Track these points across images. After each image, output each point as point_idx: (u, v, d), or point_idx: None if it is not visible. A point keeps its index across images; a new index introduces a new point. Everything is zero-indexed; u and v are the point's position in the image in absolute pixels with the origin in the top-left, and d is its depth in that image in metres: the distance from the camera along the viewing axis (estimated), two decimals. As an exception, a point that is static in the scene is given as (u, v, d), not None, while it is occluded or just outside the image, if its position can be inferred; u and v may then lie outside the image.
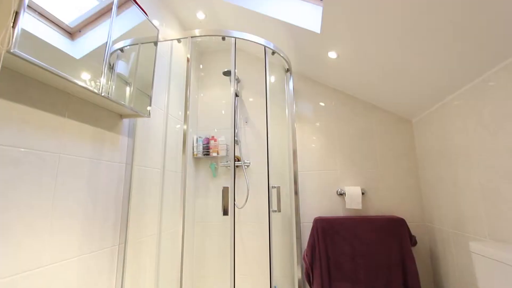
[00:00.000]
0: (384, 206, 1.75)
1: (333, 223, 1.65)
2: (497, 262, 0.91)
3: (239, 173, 1.96)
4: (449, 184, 1.42)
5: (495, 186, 1.10)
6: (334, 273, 1.58)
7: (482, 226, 1.18)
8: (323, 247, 1.60)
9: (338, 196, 1.81)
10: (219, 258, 1.88)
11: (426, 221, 1.68)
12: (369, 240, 1.57)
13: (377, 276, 1.52)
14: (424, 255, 1.66)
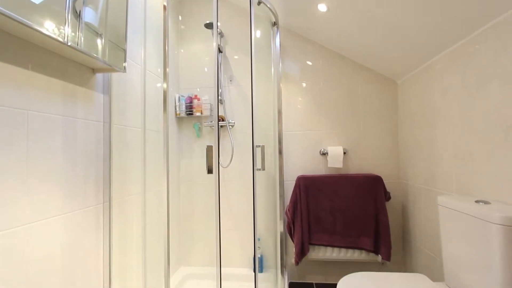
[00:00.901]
0: (364, 165, 1.83)
1: (315, 181, 1.72)
2: (457, 212, 1.00)
3: (224, 133, 1.95)
4: (425, 145, 1.49)
5: (467, 147, 1.15)
6: (314, 226, 1.70)
7: (451, 182, 1.27)
8: (304, 203, 1.69)
9: (321, 155, 1.86)
10: (205, 215, 1.96)
11: (401, 178, 1.79)
12: (348, 196, 1.67)
13: (352, 228, 1.66)
14: (396, 209, 1.81)
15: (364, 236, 1.64)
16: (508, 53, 0.94)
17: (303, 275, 1.87)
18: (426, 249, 1.50)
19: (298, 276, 1.88)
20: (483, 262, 0.89)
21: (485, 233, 0.87)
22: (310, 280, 1.87)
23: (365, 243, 1.64)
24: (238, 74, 1.97)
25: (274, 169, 1.72)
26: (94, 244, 1.14)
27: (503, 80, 0.96)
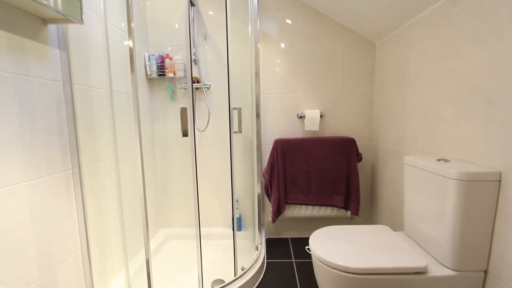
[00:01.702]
0: (339, 128, 1.88)
1: (292, 144, 1.75)
2: (420, 170, 1.08)
3: (199, 95, 1.87)
4: (398, 108, 1.53)
5: (436, 109, 1.20)
6: (290, 187, 1.77)
7: (418, 143, 1.35)
8: (281, 165, 1.74)
9: (298, 118, 1.87)
10: (184, 178, 1.96)
11: (373, 140, 1.87)
12: (322, 157, 1.74)
13: (326, 187, 1.75)
14: (366, 169, 1.92)
15: (336, 194, 1.75)
16: (483, 17, 0.95)
17: (279, 231, 2.00)
18: (390, 204, 1.65)
19: (275, 232, 2.00)
20: (438, 213, 0.99)
21: (443, 188, 0.96)
22: (286, 235, 2.01)
23: (337, 200, 1.75)
24: (213, 31, 1.83)
25: (252, 133, 1.71)
26: (67, 209, 1.11)
27: (476, 44, 0.98)
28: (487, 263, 0.94)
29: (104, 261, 1.35)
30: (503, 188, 0.87)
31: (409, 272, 0.95)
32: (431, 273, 0.96)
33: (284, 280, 1.49)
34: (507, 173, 0.86)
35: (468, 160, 1.02)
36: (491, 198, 0.89)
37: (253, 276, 1.44)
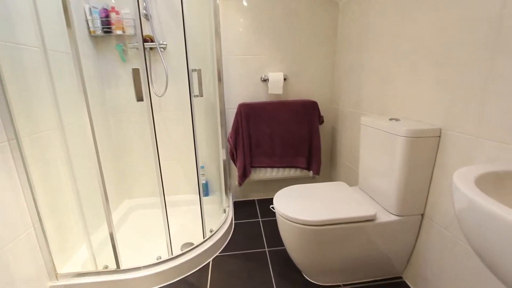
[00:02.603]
0: (302, 91, 1.89)
1: (256, 108, 1.73)
2: (374, 129, 1.16)
3: (155, 57, 1.71)
4: (357, 70, 1.57)
5: (390, 70, 1.26)
6: (255, 150, 1.80)
7: (374, 105, 1.42)
8: (245, 130, 1.73)
9: (262, 82, 1.83)
10: (144, 147, 1.86)
11: (334, 103, 1.93)
12: (286, 121, 1.76)
13: (289, 150, 1.81)
14: (327, 131, 2.00)
15: (299, 156, 1.83)
16: (438, -27, 0.96)
17: (246, 194, 2.07)
18: (348, 162, 1.77)
19: (242, 195, 2.07)
20: (387, 167, 1.09)
21: (392, 144, 1.04)
22: (253, 197, 2.09)
23: (300, 162, 1.83)
24: (165, -19, 1.62)
25: (214, 97, 1.65)
26: (8, 186, 0.99)
27: (428, 6, 1.00)
28: (424, 208, 1.08)
29: (63, 236, 1.28)
30: (442, 142, 0.98)
31: (361, 220, 1.06)
32: (379, 219, 1.08)
33: (251, 238, 1.58)
34: (446, 129, 0.95)
35: (416, 119, 1.10)
36: (431, 152, 1.00)
37: (222, 237, 1.50)
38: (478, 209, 0.41)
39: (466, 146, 0.88)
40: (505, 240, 0.37)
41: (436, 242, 1.03)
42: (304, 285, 1.21)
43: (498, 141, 0.77)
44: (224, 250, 1.48)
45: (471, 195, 0.42)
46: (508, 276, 0.38)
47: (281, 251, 1.45)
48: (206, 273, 1.31)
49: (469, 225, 0.44)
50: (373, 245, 1.12)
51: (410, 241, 1.14)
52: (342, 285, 1.21)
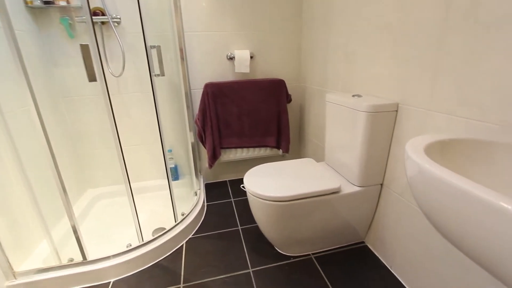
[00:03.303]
0: (269, 69, 1.87)
1: (223, 87, 1.69)
2: (338, 105, 1.19)
3: (108, 32, 1.56)
4: (322, 48, 1.58)
5: (353, 49, 1.28)
6: (224, 131, 1.77)
7: (338, 82, 1.46)
8: (213, 110, 1.69)
9: (228, 60, 1.77)
10: (104, 132, 1.74)
11: (301, 81, 1.95)
12: (254, 100, 1.74)
13: (258, 129, 1.81)
14: (295, 109, 2.03)
15: (268, 135, 1.84)
16: None
17: (218, 175, 2.06)
18: (315, 139, 1.83)
19: (213, 177, 2.06)
20: (351, 142, 1.14)
21: (355, 120, 1.08)
22: (224, 178, 2.09)
23: (269, 141, 1.85)
24: None
25: (178, 77, 1.57)
26: None
27: (388, -22, 1.02)
28: (383, 178, 1.17)
29: (18, 233, 1.18)
30: (398, 116, 1.04)
31: (327, 193, 1.12)
32: (343, 191, 1.15)
33: (224, 218, 1.60)
34: (402, 103, 1.01)
35: (376, 95, 1.16)
36: (389, 125, 1.06)
37: (194, 219, 1.49)
38: (427, 174, 0.45)
39: (419, 118, 0.94)
40: (448, 201, 0.42)
41: (393, 208, 1.13)
42: (276, 257, 1.27)
43: (446, 113, 0.84)
44: (197, 232, 1.48)
45: (420, 162, 0.46)
46: (450, 232, 0.43)
47: (253, 228, 1.49)
48: (180, 256, 1.31)
49: (419, 189, 0.48)
50: (338, 215, 1.20)
51: (371, 209, 1.23)
52: (311, 254, 1.29)
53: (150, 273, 1.22)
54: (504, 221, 0.33)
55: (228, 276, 1.18)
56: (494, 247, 0.35)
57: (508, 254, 0.33)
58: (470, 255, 0.40)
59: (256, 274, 1.19)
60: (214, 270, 1.21)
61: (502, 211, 0.33)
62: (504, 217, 0.32)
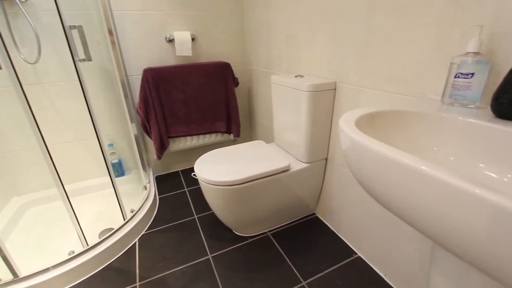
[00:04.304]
0: (213, 52, 1.80)
1: (164, 72, 1.58)
2: (282, 86, 1.22)
3: (14, 9, 1.30)
4: (265, 29, 1.58)
5: (295, 30, 1.30)
6: (170, 119, 1.68)
7: (282, 63, 1.48)
8: (156, 98, 1.58)
9: (167, 43, 1.65)
10: (24, 130, 1.49)
11: (247, 64, 1.93)
12: (200, 85, 1.68)
13: (207, 115, 1.76)
14: (243, 92, 2.02)
15: (217, 120, 1.81)
16: None
17: (168, 166, 1.97)
18: (265, 122, 1.86)
19: (164, 168, 1.96)
20: (296, 122, 1.19)
21: (298, 100, 1.12)
22: (176, 169, 2.01)
23: (219, 126, 1.82)
24: None
25: (110, 62, 1.41)
26: None
27: (321, -42, 1.04)
28: (327, 153, 1.26)
29: None
30: (337, 94, 1.11)
31: (277, 172, 1.16)
32: (292, 169, 1.20)
33: (179, 209, 1.55)
34: (340, 82, 1.08)
35: (317, 75, 1.21)
36: (329, 103, 1.13)
37: (146, 214, 1.41)
38: (357, 145, 0.49)
39: (353, 95, 1.02)
40: (376, 168, 0.46)
41: (337, 179, 1.23)
42: (234, 240, 1.30)
43: (376, 89, 0.93)
44: (151, 227, 1.42)
45: (352, 134, 0.50)
46: (379, 195, 0.48)
47: (209, 215, 1.49)
48: (133, 254, 1.24)
49: (351, 159, 0.52)
50: (290, 192, 1.26)
51: (318, 183, 1.33)
52: (268, 232, 1.34)
53: (102, 277, 1.13)
54: (422, 181, 0.38)
55: (187, 266, 1.16)
56: (416, 205, 0.40)
57: (425, 209, 0.38)
58: (398, 214, 0.45)
59: (216, 259, 1.20)
60: (172, 263, 1.18)
61: (421, 173, 0.37)
62: (423, 179, 0.37)
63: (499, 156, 0.52)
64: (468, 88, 0.61)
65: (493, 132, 0.52)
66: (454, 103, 0.64)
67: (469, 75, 0.60)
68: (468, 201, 0.32)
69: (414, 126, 0.60)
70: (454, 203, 0.34)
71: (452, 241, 0.36)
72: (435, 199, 0.36)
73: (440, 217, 0.36)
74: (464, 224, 0.33)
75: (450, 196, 0.34)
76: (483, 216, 0.31)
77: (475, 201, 0.31)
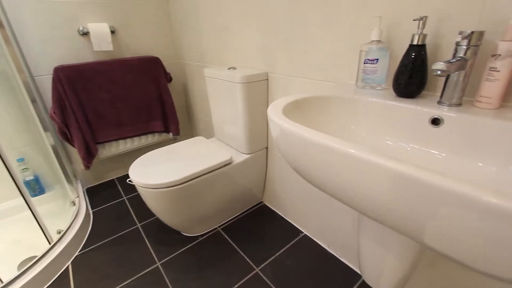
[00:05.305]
0: (139, 46, 1.66)
1: (82, 70, 1.39)
2: (216, 79, 1.21)
3: None
4: (194, 20, 1.51)
5: (226, 22, 1.28)
6: (96, 123, 1.50)
7: (214, 56, 1.45)
8: (74, 99, 1.38)
9: (81, 36, 1.45)
10: None
11: (179, 58, 1.84)
12: (128, 82, 1.53)
13: (140, 115, 1.63)
14: (179, 88, 1.93)
15: (153, 120, 1.69)
16: None
17: (101, 175, 1.77)
18: (204, 117, 1.82)
19: (96, 178, 1.76)
20: (234, 114, 1.19)
21: (233, 92, 1.12)
22: (111, 177, 1.82)
23: (155, 126, 1.71)
24: None
25: (6, 62, 1.17)
26: None
27: None
28: (267, 142, 1.30)
29: None
30: (270, 84, 1.15)
31: (219, 166, 1.15)
32: (235, 161, 1.21)
33: (118, 220, 1.42)
34: (271, 72, 1.12)
35: (249, 66, 1.22)
36: (263, 93, 1.16)
37: (78, 233, 1.25)
38: (285, 131, 0.51)
39: (284, 84, 1.07)
40: (302, 151, 0.49)
41: (278, 166, 1.29)
42: (184, 242, 1.25)
43: (303, 77, 0.98)
44: (85, 246, 1.26)
45: (279, 122, 0.52)
46: (306, 174, 0.51)
47: (154, 221, 1.40)
48: (66, 280, 1.09)
49: (282, 146, 0.55)
50: (235, 184, 1.27)
51: (262, 172, 1.37)
52: (218, 227, 1.34)
53: (26, 315, 0.97)
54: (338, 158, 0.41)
55: (134, 279, 1.08)
56: (337, 180, 0.44)
57: (344, 182, 0.42)
58: (327, 191, 0.49)
59: (165, 265, 1.14)
60: (115, 280, 1.08)
61: (335, 151, 0.41)
62: (338, 156, 0.41)
63: (401, 129, 0.61)
64: (375, 73, 0.70)
65: (394, 109, 0.60)
66: (365, 86, 0.73)
67: (374, 60, 0.69)
68: (371, 170, 0.37)
69: (334, 109, 0.66)
70: (363, 173, 0.38)
71: (367, 207, 0.41)
72: (348, 172, 0.40)
73: (355, 187, 0.41)
74: (372, 191, 0.38)
75: (358, 167, 0.38)
76: (385, 181, 0.36)
77: (377, 169, 0.36)
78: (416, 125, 0.58)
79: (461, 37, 0.52)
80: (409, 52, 0.61)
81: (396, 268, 0.60)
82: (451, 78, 0.55)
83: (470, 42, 0.52)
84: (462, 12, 0.57)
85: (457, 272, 0.72)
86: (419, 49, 0.59)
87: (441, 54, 0.62)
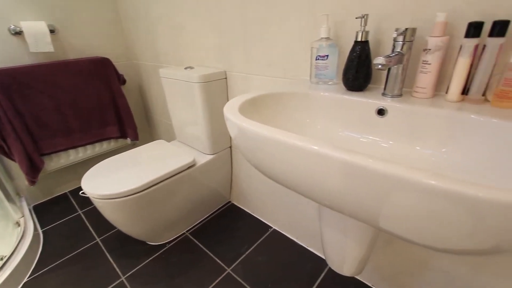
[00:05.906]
0: (86, 46, 1.53)
1: (17, 75, 1.23)
2: (173, 80, 1.16)
3: None
4: (144, 17, 1.43)
5: (180, 21, 1.22)
6: (39, 133, 1.35)
7: (170, 55, 1.39)
8: (10, 107, 1.22)
9: (13, 36, 1.29)
10: None
11: (132, 58, 1.73)
12: (74, 86, 1.40)
13: (92, 121, 1.51)
14: (134, 90, 1.82)
15: (107, 125, 1.57)
16: None
17: (50, 190, 1.61)
18: (163, 119, 1.74)
19: (44, 194, 1.59)
20: (194, 115, 1.16)
21: (191, 92, 1.09)
22: (62, 191, 1.66)
23: (110, 131, 1.59)
24: None
25: None
26: None
27: None
28: (230, 141, 1.29)
29: None
30: (229, 82, 1.14)
31: (182, 169, 1.11)
32: (199, 163, 1.18)
33: (74, 237, 1.30)
34: (229, 71, 1.11)
35: (207, 66, 1.20)
36: (223, 92, 1.14)
37: (25, 257, 1.12)
38: (242, 130, 0.51)
39: (243, 82, 1.07)
40: (258, 147, 0.49)
41: (242, 164, 1.29)
42: (150, 252, 1.19)
43: (260, 75, 0.99)
44: (36, 270, 1.13)
45: (236, 121, 0.51)
46: (266, 171, 0.52)
47: (115, 233, 1.31)
48: (14, 311, 0.97)
49: (241, 144, 0.55)
50: (201, 186, 1.24)
51: (227, 171, 1.35)
52: (186, 232, 1.30)
53: None
54: (293, 152, 0.42)
55: (95, 299, 1.00)
56: (294, 174, 0.45)
57: (301, 175, 0.44)
58: (287, 185, 0.50)
59: (131, 278, 1.07)
60: (74, 302, 0.99)
61: (300, 149, 0.42)
62: (293, 150, 0.42)
63: (352, 120, 0.64)
64: (326, 68, 0.73)
65: (344, 102, 0.64)
66: (319, 82, 0.76)
67: (325, 57, 0.72)
68: (323, 162, 0.38)
69: (290, 105, 0.68)
70: (316, 166, 0.40)
71: (324, 198, 0.43)
72: (304, 166, 0.42)
73: (311, 180, 0.42)
74: (327, 182, 0.40)
75: (312, 160, 0.40)
76: (336, 171, 0.37)
77: (329, 160, 0.37)
78: (365, 116, 0.62)
79: (397, 34, 0.57)
80: (354, 48, 0.65)
81: (356, 251, 0.64)
82: (391, 71, 0.60)
83: (405, 38, 0.56)
84: (398, 11, 0.62)
85: (407, 247, 0.79)
86: (363, 45, 0.63)
87: (383, 49, 0.67)
